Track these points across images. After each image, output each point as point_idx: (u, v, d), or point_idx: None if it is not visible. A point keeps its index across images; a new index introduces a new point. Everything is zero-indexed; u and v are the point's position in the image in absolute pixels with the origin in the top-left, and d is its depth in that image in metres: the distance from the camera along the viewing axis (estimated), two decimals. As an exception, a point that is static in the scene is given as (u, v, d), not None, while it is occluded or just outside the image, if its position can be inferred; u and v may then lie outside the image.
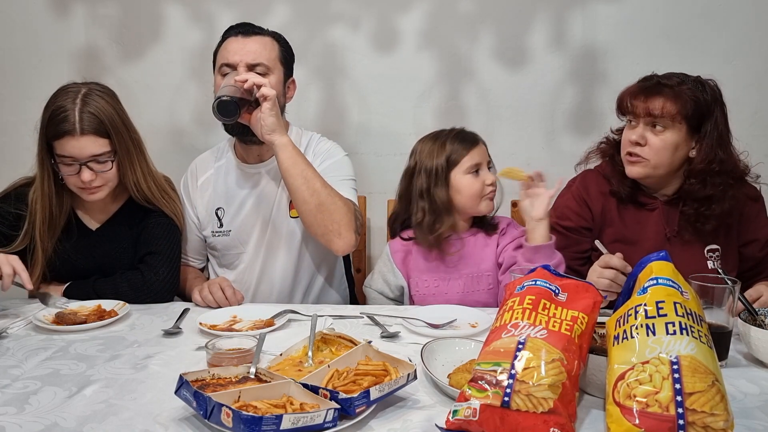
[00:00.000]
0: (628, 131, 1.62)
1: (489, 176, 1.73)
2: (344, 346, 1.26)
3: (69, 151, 1.59)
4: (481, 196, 1.73)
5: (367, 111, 2.39)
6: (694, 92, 1.55)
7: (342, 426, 0.97)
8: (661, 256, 1.07)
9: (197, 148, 2.44)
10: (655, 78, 1.61)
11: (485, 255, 1.77)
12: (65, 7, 2.40)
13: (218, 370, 1.11)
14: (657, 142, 1.57)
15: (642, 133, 1.57)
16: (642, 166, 1.60)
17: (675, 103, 1.54)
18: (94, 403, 1.10)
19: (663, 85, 1.57)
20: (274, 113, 1.66)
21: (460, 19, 2.30)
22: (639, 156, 1.59)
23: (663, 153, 1.57)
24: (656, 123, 1.56)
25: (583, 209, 1.72)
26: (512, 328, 1.03)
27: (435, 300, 1.74)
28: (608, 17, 2.27)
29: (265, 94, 1.64)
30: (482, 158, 1.74)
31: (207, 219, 1.92)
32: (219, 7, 2.36)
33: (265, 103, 1.64)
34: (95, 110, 1.60)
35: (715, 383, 0.90)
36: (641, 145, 1.58)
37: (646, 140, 1.57)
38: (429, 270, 1.78)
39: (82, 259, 1.74)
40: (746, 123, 2.24)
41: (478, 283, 1.76)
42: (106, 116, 1.61)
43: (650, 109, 1.55)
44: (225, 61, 1.77)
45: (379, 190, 2.30)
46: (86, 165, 1.60)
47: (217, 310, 1.58)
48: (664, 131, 1.56)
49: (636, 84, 1.63)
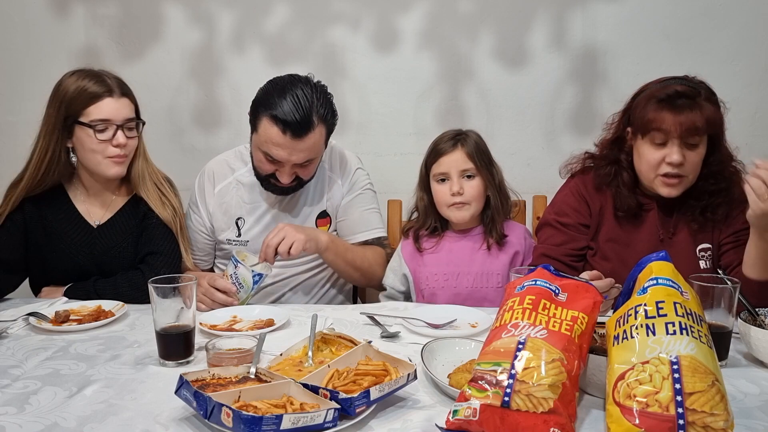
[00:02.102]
0: (658, 151, 1.53)
1: (455, 186, 1.74)
2: (344, 346, 1.26)
3: (107, 113, 1.63)
4: (447, 205, 1.77)
5: (367, 111, 2.39)
6: (713, 102, 1.52)
7: (342, 426, 0.97)
8: (661, 257, 1.07)
9: (197, 148, 2.45)
10: (671, 89, 1.52)
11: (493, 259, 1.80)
12: (65, 7, 2.40)
13: (218, 370, 1.11)
14: (695, 157, 1.52)
15: (681, 152, 1.51)
16: (682, 185, 1.55)
17: (702, 114, 1.49)
18: (94, 403, 1.10)
19: (685, 98, 1.50)
20: (311, 245, 1.70)
21: (460, 19, 2.30)
22: (680, 176, 1.53)
23: (698, 166, 1.55)
24: (689, 139, 1.51)
25: (582, 206, 1.71)
26: (512, 328, 1.03)
27: (444, 294, 1.77)
28: (608, 17, 2.27)
29: (293, 255, 1.67)
30: (452, 168, 1.75)
31: (224, 226, 1.91)
32: (219, 7, 2.36)
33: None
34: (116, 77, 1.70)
35: (715, 383, 0.90)
36: (683, 164, 1.52)
37: (685, 158, 1.52)
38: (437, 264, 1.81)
39: (82, 256, 1.74)
40: (746, 123, 2.24)
41: (487, 281, 1.78)
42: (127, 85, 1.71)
43: (686, 126, 1.48)
44: (269, 152, 1.70)
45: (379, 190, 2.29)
46: (121, 128, 1.64)
47: (217, 310, 1.58)
48: (698, 146, 1.52)
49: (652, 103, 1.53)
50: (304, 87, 1.68)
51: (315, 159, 1.75)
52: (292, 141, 1.66)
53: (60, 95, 1.64)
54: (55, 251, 1.73)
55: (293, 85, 1.68)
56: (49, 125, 1.65)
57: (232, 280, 1.63)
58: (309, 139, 1.67)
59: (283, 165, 1.71)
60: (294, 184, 1.78)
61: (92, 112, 1.62)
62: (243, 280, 1.63)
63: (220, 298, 1.62)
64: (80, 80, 1.63)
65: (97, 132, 1.62)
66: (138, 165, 1.74)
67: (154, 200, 1.76)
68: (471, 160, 1.75)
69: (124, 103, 1.67)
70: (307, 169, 1.76)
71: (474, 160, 1.75)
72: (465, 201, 1.76)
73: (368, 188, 1.97)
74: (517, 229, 1.86)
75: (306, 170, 1.76)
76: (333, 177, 1.92)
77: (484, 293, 1.78)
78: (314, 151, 1.72)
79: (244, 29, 2.37)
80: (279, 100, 1.66)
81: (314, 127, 1.67)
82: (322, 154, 1.80)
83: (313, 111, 1.66)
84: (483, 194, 1.78)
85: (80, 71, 1.67)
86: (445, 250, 1.82)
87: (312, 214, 1.90)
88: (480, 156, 1.77)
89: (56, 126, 1.64)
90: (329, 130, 1.76)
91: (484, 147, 1.80)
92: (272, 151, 1.69)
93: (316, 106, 1.67)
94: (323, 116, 1.70)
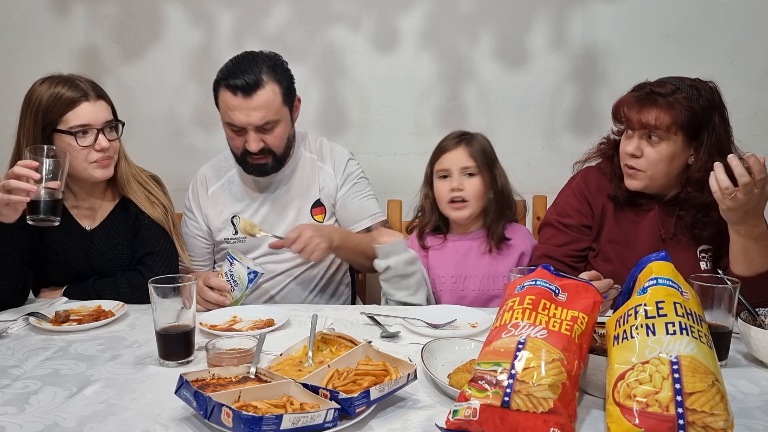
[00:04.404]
0: (625, 141, 1.59)
1: (454, 182, 1.77)
2: (344, 346, 1.26)
3: (86, 118, 1.61)
4: (446, 202, 1.79)
5: (367, 111, 2.39)
6: (689, 101, 1.51)
7: (342, 426, 0.97)
8: (661, 257, 1.07)
9: (197, 148, 2.45)
10: (649, 87, 1.56)
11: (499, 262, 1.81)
12: (65, 7, 2.40)
13: (218, 370, 1.12)
14: (653, 153, 1.54)
15: (638, 145, 1.55)
16: (639, 179, 1.58)
17: (669, 113, 1.50)
18: (94, 403, 1.10)
19: (657, 95, 1.53)
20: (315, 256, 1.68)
21: (460, 19, 2.30)
22: (636, 169, 1.57)
23: (659, 165, 1.55)
24: (652, 134, 1.53)
25: (584, 206, 1.71)
26: (512, 328, 1.03)
27: (450, 297, 1.79)
28: (608, 17, 2.27)
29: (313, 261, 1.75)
30: (453, 164, 1.78)
31: (221, 226, 1.92)
32: (219, 7, 2.36)
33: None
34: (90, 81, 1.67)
35: (715, 383, 0.90)
36: (637, 157, 1.55)
37: (642, 152, 1.55)
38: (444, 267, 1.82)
39: (79, 260, 1.73)
40: (746, 123, 2.24)
41: (494, 283, 1.80)
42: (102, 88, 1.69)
43: (644, 121, 1.52)
44: (230, 121, 1.75)
45: (380, 191, 2.29)
46: (102, 131, 1.62)
47: (217, 311, 1.58)
48: (660, 142, 1.53)
49: (630, 93, 1.59)
50: (250, 54, 1.80)
51: (277, 123, 1.77)
52: (244, 100, 1.71)
53: (34, 105, 1.60)
54: (51, 254, 1.72)
55: (240, 55, 1.80)
56: (27, 137, 1.61)
57: (227, 277, 1.63)
58: (260, 97, 1.72)
59: (246, 131, 1.75)
60: (269, 159, 1.80)
61: (70, 119, 1.59)
62: (238, 278, 1.63)
63: (211, 297, 1.61)
64: (53, 87, 1.60)
65: (78, 138, 1.60)
66: (121, 167, 1.72)
67: (142, 201, 1.76)
68: (473, 159, 1.78)
69: (102, 106, 1.64)
70: (272, 135, 1.77)
71: (476, 159, 1.78)
72: (464, 198, 1.77)
73: (362, 177, 2.00)
74: (519, 230, 1.87)
75: (271, 136, 1.77)
76: (321, 166, 1.94)
77: (490, 295, 1.80)
78: (270, 110, 1.74)
79: (244, 29, 2.37)
80: (226, 69, 1.77)
81: (263, 84, 1.72)
82: (287, 120, 1.81)
83: (258, 70, 1.73)
84: (483, 195, 1.79)
85: (51, 78, 1.64)
86: (450, 252, 1.83)
87: (305, 206, 1.91)
88: (483, 157, 1.79)
89: (35, 136, 1.60)
90: (285, 92, 1.78)
91: (489, 150, 1.82)
92: (232, 118, 1.73)
93: (261, 66, 1.75)
94: (272, 76, 1.75)
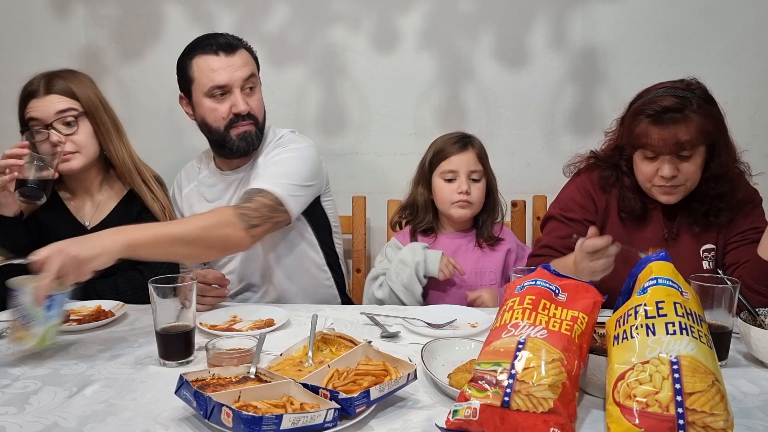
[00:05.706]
0: (651, 165, 1.55)
1: (463, 185, 1.79)
2: (344, 346, 1.26)
3: (36, 113, 1.63)
4: (451, 202, 1.81)
5: (367, 111, 2.39)
6: (705, 110, 1.50)
7: (342, 426, 0.97)
8: (661, 257, 1.07)
9: (197, 148, 2.43)
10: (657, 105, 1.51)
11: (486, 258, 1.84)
12: (65, 7, 2.40)
13: (218, 370, 1.12)
14: (689, 167, 1.53)
15: (672, 166, 1.52)
16: (679, 192, 1.56)
17: (690, 128, 1.48)
18: (94, 403, 1.10)
19: (672, 112, 1.49)
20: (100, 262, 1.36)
21: (460, 19, 2.30)
22: (674, 186, 1.55)
23: (696, 174, 1.55)
24: (681, 153, 1.51)
25: (588, 202, 1.70)
26: (512, 328, 1.03)
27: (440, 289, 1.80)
28: (608, 17, 2.27)
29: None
30: (462, 167, 1.80)
31: None
32: (219, 7, 2.36)
33: None
34: (61, 75, 1.68)
35: (715, 383, 0.90)
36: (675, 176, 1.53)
37: (678, 170, 1.53)
38: None
39: None
40: (746, 123, 2.24)
41: (481, 278, 1.83)
42: (71, 80, 1.68)
43: (672, 144, 1.49)
44: (214, 83, 1.72)
45: (379, 190, 2.30)
46: (52, 125, 1.62)
47: (216, 310, 1.58)
48: (691, 156, 1.52)
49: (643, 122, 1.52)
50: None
51: (257, 85, 1.81)
52: (227, 58, 1.73)
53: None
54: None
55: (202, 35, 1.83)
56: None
57: (18, 317, 1.23)
58: (242, 54, 1.76)
59: (231, 92, 1.74)
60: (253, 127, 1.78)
61: (27, 115, 1.64)
62: (31, 311, 1.22)
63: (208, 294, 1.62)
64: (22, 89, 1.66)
65: (36, 134, 1.61)
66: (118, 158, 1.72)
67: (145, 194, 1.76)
68: (480, 163, 1.83)
69: (51, 100, 1.64)
70: (254, 98, 1.79)
71: (482, 162, 1.83)
72: (470, 201, 1.81)
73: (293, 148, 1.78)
74: (504, 230, 1.93)
75: (253, 99, 1.78)
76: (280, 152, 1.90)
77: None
78: (251, 66, 1.78)
79: (244, 29, 2.36)
80: (197, 40, 1.79)
81: (240, 46, 1.78)
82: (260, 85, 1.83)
83: (229, 36, 1.79)
84: (484, 198, 1.85)
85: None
86: (441, 248, 1.84)
87: None
88: (485, 160, 1.86)
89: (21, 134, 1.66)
90: (256, 63, 1.83)
91: (486, 153, 1.88)
92: (216, 79, 1.72)
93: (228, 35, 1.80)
94: (243, 43, 1.80)
